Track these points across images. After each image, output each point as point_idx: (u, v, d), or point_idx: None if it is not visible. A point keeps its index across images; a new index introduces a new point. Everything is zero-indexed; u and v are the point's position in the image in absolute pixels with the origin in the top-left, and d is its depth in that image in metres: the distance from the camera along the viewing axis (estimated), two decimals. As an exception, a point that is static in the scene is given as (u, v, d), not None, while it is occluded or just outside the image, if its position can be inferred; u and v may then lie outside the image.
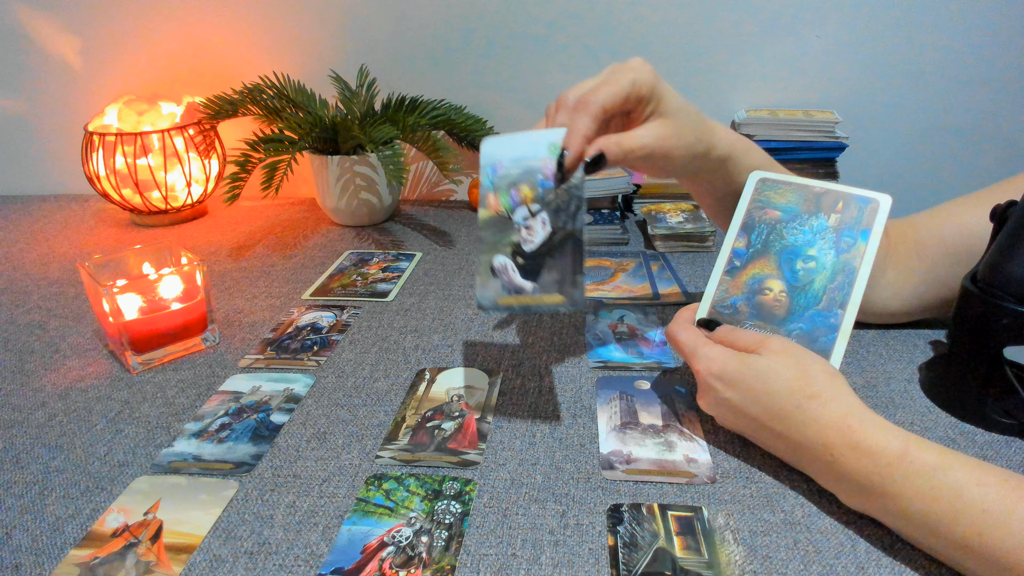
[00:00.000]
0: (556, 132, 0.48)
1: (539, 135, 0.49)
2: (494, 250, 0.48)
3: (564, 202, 0.47)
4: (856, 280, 0.50)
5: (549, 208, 0.47)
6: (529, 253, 0.47)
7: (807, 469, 0.45)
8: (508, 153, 0.49)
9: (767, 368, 0.45)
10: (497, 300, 0.47)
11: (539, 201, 0.48)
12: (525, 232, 0.48)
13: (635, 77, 0.47)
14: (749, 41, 1.00)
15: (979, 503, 0.36)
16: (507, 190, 0.49)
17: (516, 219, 0.48)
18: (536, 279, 0.47)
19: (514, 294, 0.47)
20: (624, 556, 0.41)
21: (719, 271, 0.54)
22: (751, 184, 0.56)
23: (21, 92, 1.12)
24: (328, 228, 1.00)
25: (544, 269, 0.47)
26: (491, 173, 0.49)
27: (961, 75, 1.00)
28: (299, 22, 1.05)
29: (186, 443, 0.52)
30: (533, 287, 0.47)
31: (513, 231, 0.48)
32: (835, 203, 0.53)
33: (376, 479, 0.48)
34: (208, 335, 0.66)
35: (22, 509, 0.45)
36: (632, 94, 0.47)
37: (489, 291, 0.48)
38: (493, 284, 0.48)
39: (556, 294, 0.46)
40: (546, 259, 0.47)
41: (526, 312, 0.49)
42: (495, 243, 0.48)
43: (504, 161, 0.49)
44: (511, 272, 0.47)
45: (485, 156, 0.50)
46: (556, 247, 0.47)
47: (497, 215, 0.49)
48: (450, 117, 1.00)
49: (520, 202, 0.48)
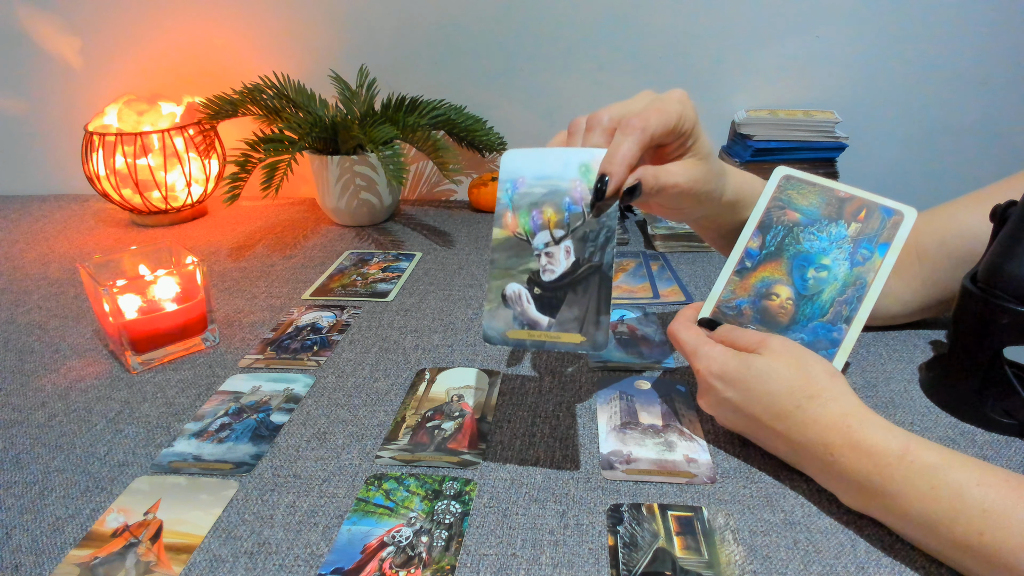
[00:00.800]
0: (590, 153, 0.44)
1: (570, 153, 0.44)
2: (507, 276, 0.44)
3: (593, 232, 0.43)
4: (866, 295, 0.49)
5: (575, 236, 0.43)
6: (548, 283, 0.43)
7: (807, 469, 0.45)
8: (533, 169, 0.45)
9: (767, 368, 0.45)
10: (506, 333, 0.43)
11: (564, 227, 0.43)
12: (546, 259, 0.43)
13: (683, 111, 0.43)
14: (749, 41, 1.00)
15: (979, 503, 0.36)
16: (528, 210, 0.44)
17: (536, 244, 0.44)
18: (553, 314, 0.43)
19: (527, 327, 0.43)
20: (624, 556, 0.41)
21: (729, 270, 0.53)
22: (774, 180, 0.54)
23: (21, 92, 1.12)
24: (328, 228, 1.00)
25: (564, 304, 0.43)
26: (511, 189, 0.45)
27: (961, 75, 1.00)
28: (299, 22, 1.05)
29: (186, 443, 0.52)
30: (549, 322, 0.43)
31: (531, 257, 0.44)
32: (858, 211, 0.51)
33: (376, 479, 0.48)
34: (208, 335, 0.66)
35: (22, 509, 0.45)
36: (677, 127, 0.44)
37: (498, 321, 0.43)
38: (503, 314, 0.43)
39: (576, 333, 0.42)
40: (567, 292, 0.43)
41: (538, 349, 0.44)
42: (509, 268, 0.44)
43: (527, 177, 0.45)
44: (525, 303, 0.43)
45: (506, 170, 0.45)
46: (580, 281, 0.43)
47: (514, 237, 0.44)
48: (450, 117, 1.00)
49: (542, 226, 0.44)
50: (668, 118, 0.43)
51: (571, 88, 1.06)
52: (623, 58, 1.03)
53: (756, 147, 0.96)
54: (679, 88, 0.45)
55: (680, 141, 0.45)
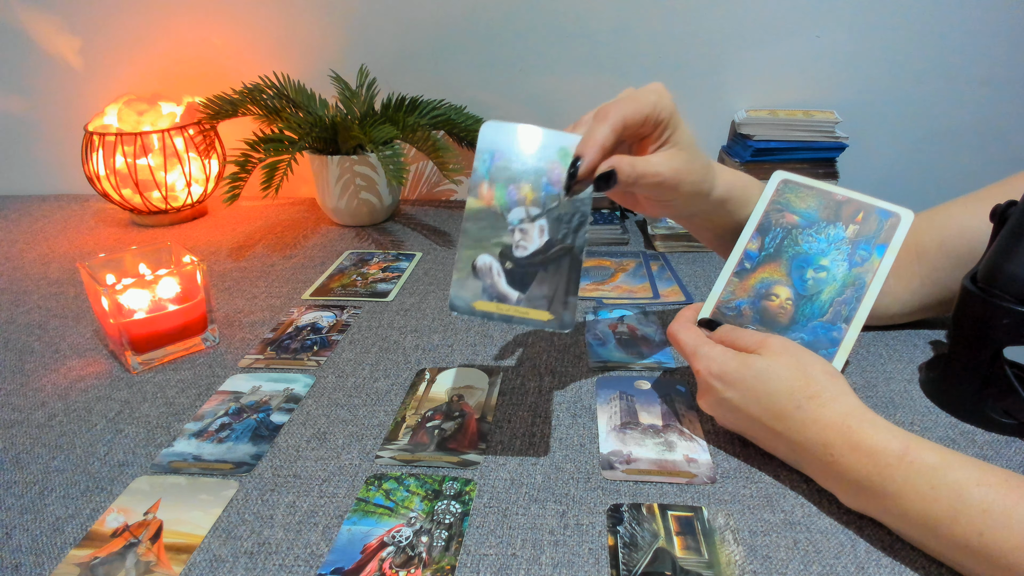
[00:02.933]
0: (570, 137, 0.45)
1: (551, 135, 0.46)
2: (479, 247, 0.44)
3: (567, 214, 0.44)
4: (865, 295, 0.49)
5: (550, 216, 0.44)
6: (520, 259, 0.44)
7: (807, 469, 0.45)
8: (512, 145, 0.45)
9: (767, 368, 0.45)
10: (474, 304, 0.43)
11: (540, 205, 0.44)
12: (519, 235, 0.44)
13: (657, 100, 0.45)
14: (749, 41, 1.00)
15: (979, 503, 0.36)
16: (505, 184, 0.45)
17: (511, 219, 0.44)
18: (523, 289, 0.43)
19: (495, 300, 0.43)
20: (624, 556, 0.41)
21: (728, 271, 0.53)
22: (773, 184, 0.55)
23: (21, 92, 1.12)
24: (328, 228, 1.00)
25: (535, 280, 0.43)
26: (488, 160, 0.45)
27: (961, 75, 1.00)
28: (299, 22, 1.05)
29: (186, 443, 0.52)
30: (519, 297, 0.43)
31: (505, 231, 0.44)
32: (855, 213, 0.52)
33: (376, 479, 0.48)
34: (208, 335, 0.66)
35: (22, 509, 0.45)
36: (652, 116, 0.45)
37: (466, 291, 0.43)
38: (472, 284, 0.43)
39: (544, 310, 0.43)
40: (539, 270, 0.43)
41: (504, 323, 0.45)
42: (481, 240, 0.44)
43: (506, 152, 0.45)
44: (496, 276, 0.43)
45: (485, 140, 0.45)
46: (551, 260, 0.44)
47: (488, 208, 0.44)
48: (450, 117, 1.00)
49: (519, 201, 0.44)
50: (642, 106, 0.44)
51: (571, 88, 1.06)
52: (623, 58, 1.03)
53: (756, 147, 0.96)
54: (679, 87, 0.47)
55: (658, 131, 0.46)
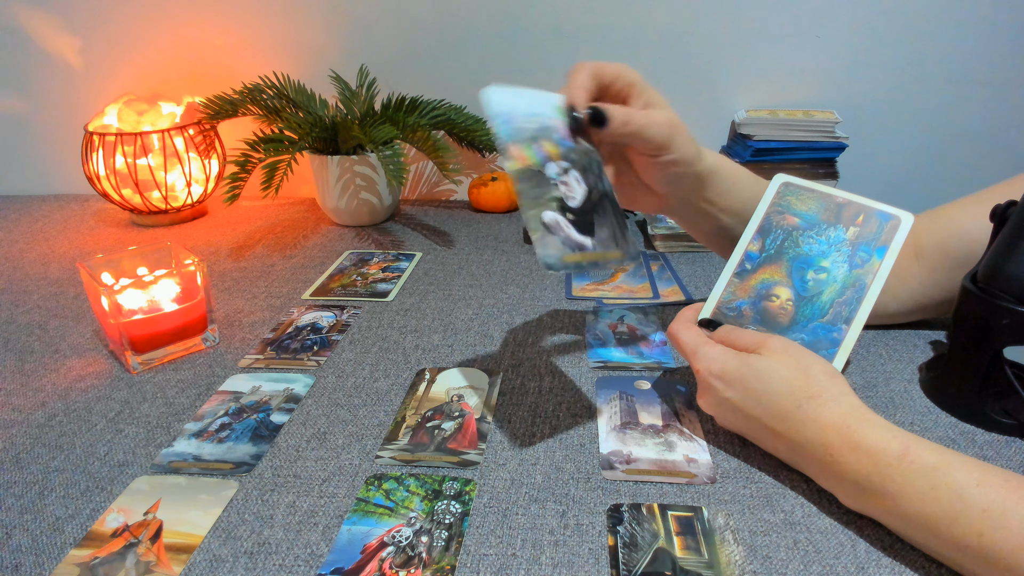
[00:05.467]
0: (557, 96, 0.49)
1: (541, 95, 0.48)
2: (538, 205, 0.44)
3: (586, 163, 0.47)
4: (865, 297, 0.49)
5: (576, 167, 0.47)
6: (576, 209, 0.46)
7: (807, 469, 0.45)
8: (519, 106, 0.47)
9: (767, 368, 0.45)
10: (563, 258, 0.43)
11: (565, 159, 0.47)
12: (564, 188, 0.45)
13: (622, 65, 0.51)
14: (749, 41, 1.00)
15: (979, 503, 0.36)
16: (529, 144, 0.45)
17: (550, 174, 0.45)
18: (592, 235, 0.45)
19: (577, 251, 0.44)
20: (624, 556, 0.41)
21: (729, 272, 0.54)
22: (773, 187, 0.55)
23: (21, 92, 1.12)
24: (328, 228, 1.00)
25: (596, 226, 0.46)
26: (505, 123, 0.45)
27: (961, 75, 1.00)
28: (299, 22, 1.05)
29: (186, 443, 0.52)
30: (592, 243, 0.45)
31: (551, 186, 0.45)
32: (856, 216, 0.52)
33: (376, 479, 0.48)
34: (208, 335, 0.66)
35: (22, 509, 0.45)
36: (622, 72, 0.50)
37: (551, 248, 0.43)
38: (552, 241, 0.43)
39: (614, 250, 0.46)
40: (593, 216, 0.46)
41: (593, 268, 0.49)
42: (536, 197, 0.44)
43: (516, 114, 0.46)
44: (566, 228, 0.44)
45: (496, 104, 0.46)
46: (597, 204, 0.47)
47: (528, 168, 0.45)
48: (450, 117, 1.00)
49: (547, 157, 0.46)
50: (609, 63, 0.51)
51: (571, 88, 1.06)
52: (623, 58, 1.01)
53: (756, 147, 0.96)
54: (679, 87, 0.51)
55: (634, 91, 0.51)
